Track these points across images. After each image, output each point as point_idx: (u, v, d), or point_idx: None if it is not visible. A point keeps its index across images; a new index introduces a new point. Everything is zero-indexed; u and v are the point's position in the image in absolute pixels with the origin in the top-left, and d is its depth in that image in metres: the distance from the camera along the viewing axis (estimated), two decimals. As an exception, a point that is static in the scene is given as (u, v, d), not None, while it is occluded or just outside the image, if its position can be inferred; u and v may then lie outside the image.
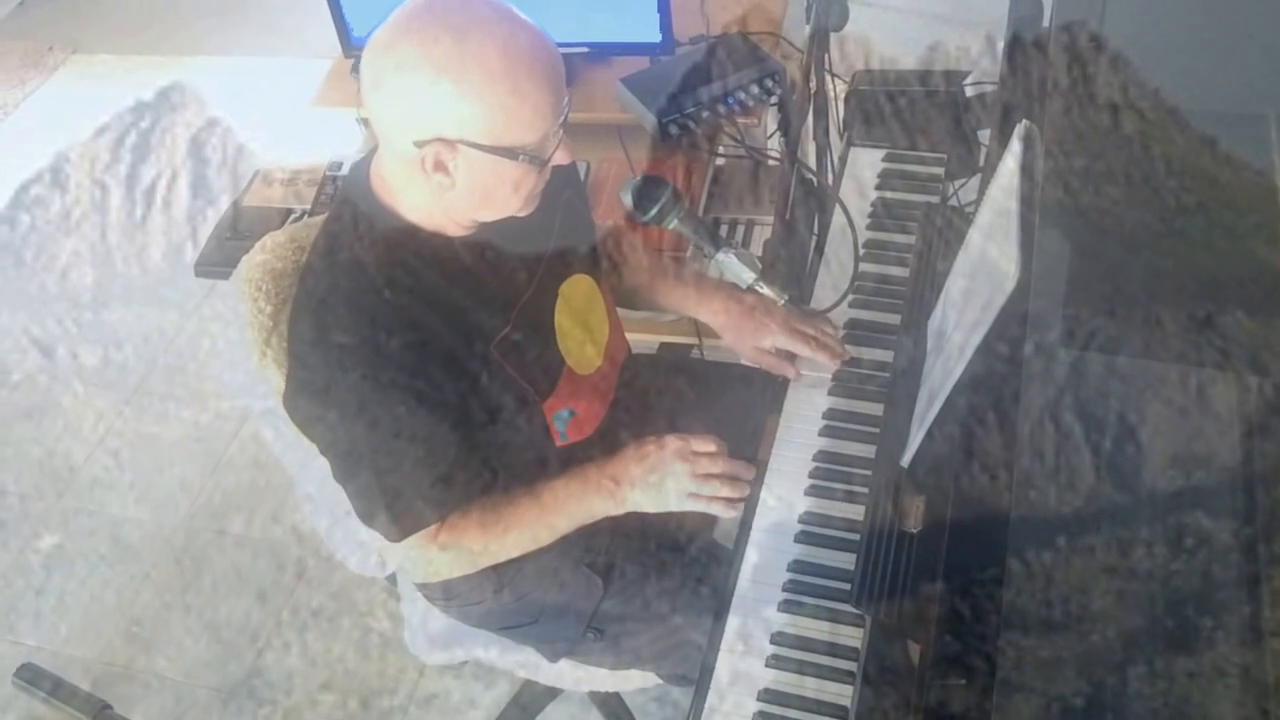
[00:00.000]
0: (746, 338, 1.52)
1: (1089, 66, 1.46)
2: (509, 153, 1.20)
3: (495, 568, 1.45)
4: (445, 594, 1.56)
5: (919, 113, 1.77)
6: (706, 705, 1.23)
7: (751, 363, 1.53)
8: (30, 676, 1.97)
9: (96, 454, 2.52)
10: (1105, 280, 1.23)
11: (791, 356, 1.51)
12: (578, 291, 1.45)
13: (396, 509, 1.30)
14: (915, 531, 1.23)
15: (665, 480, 1.33)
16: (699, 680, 1.25)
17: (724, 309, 1.54)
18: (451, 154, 1.19)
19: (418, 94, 1.15)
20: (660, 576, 1.51)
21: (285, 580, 2.21)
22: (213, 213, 2.59)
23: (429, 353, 1.26)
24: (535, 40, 1.18)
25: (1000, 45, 2.59)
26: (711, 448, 1.34)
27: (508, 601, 1.52)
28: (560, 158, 1.26)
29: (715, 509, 1.34)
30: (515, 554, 1.40)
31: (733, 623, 1.30)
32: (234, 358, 1.43)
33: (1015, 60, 1.58)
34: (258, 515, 1.35)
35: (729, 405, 1.68)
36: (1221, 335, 1.13)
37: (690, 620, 1.47)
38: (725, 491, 1.33)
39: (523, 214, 1.31)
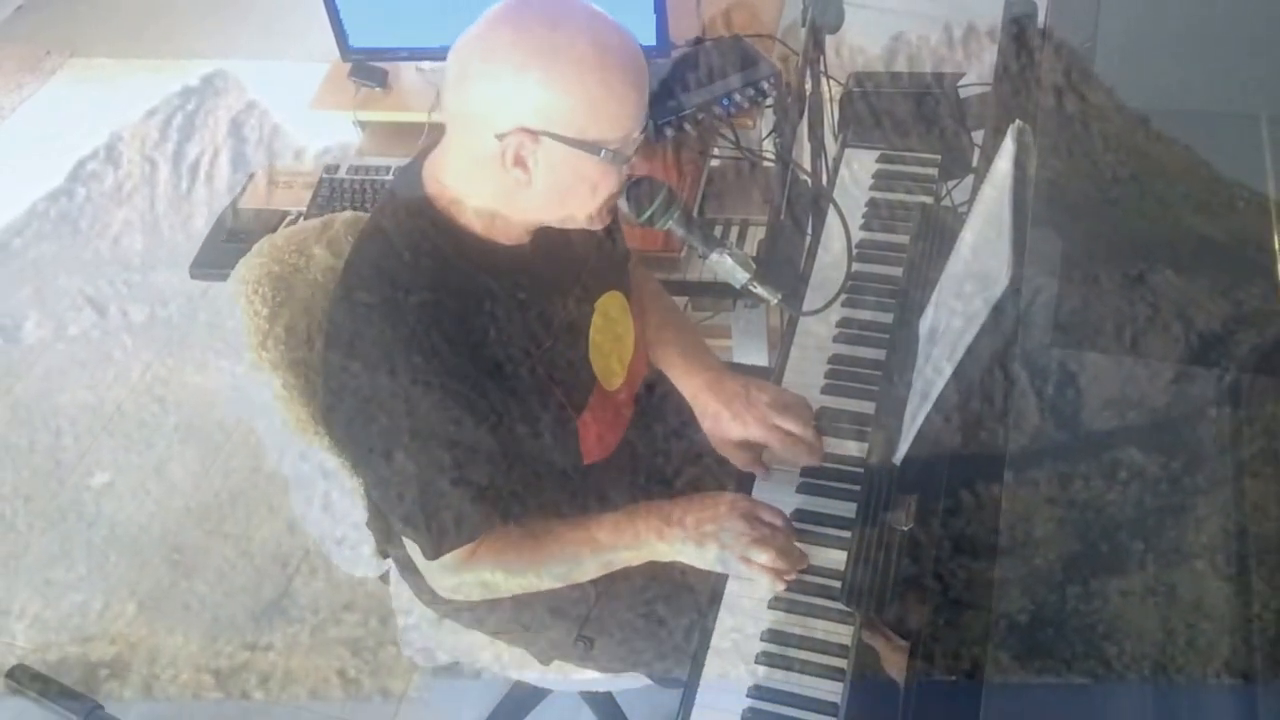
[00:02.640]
0: (721, 425, 1.46)
1: (1082, 67, 1.47)
2: (592, 147, 1.18)
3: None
4: (438, 597, 1.56)
5: (913, 114, 1.78)
6: (697, 701, 1.23)
7: (720, 451, 1.47)
8: (21, 677, 1.98)
9: (144, 400, 2.77)
10: (1097, 279, 1.23)
11: (761, 451, 1.45)
12: (612, 307, 1.44)
13: (436, 522, 1.28)
14: (906, 529, 1.23)
15: (720, 535, 1.28)
16: (689, 676, 1.25)
17: (705, 388, 1.49)
18: (533, 146, 1.17)
19: (504, 81, 1.15)
20: (650, 582, 1.50)
21: (313, 512, 2.32)
22: (281, 166, 2.92)
23: (475, 361, 1.25)
24: (626, 41, 1.19)
25: (958, 35, 2.93)
26: (777, 520, 1.30)
27: (499, 607, 1.51)
28: (634, 166, 1.26)
29: (763, 578, 1.28)
30: (548, 585, 1.37)
31: (723, 620, 1.30)
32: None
33: (1009, 61, 1.58)
34: (288, 454, 1.45)
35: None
36: (1218, 330, 1.15)
37: (681, 624, 1.46)
38: (781, 564, 1.28)
39: (594, 226, 1.30)
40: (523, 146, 1.17)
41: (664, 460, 1.53)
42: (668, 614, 1.46)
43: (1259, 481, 1.04)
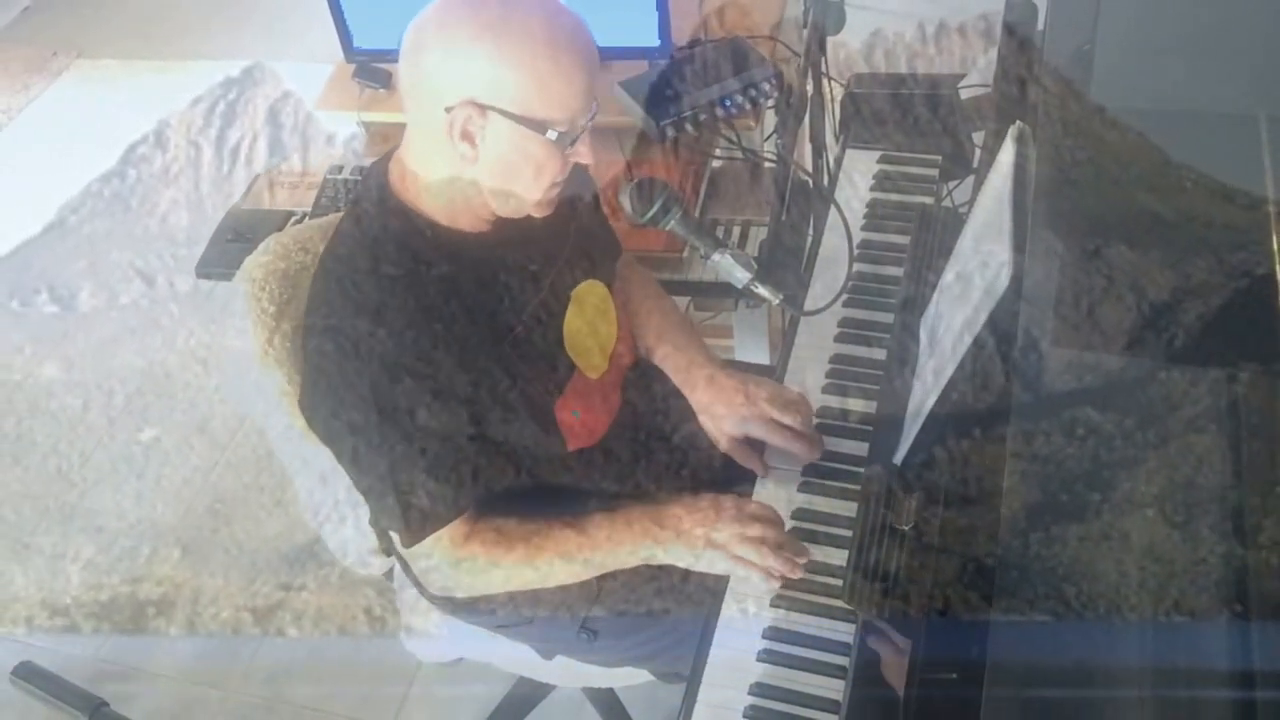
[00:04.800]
0: (721, 422, 1.47)
1: (1082, 68, 1.47)
2: (539, 126, 1.20)
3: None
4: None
5: (914, 115, 1.79)
6: (699, 698, 1.23)
7: (721, 448, 1.48)
8: (27, 675, 1.99)
9: (188, 363, 2.97)
10: (1097, 279, 1.24)
11: (763, 448, 1.47)
12: (590, 297, 1.45)
13: (410, 509, 1.29)
14: (907, 528, 1.24)
15: (712, 536, 1.29)
16: (692, 673, 1.26)
17: (704, 386, 1.50)
18: (481, 120, 1.19)
19: (456, 53, 1.17)
20: (653, 577, 1.51)
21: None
22: (286, 167, 3.16)
23: (444, 348, 1.26)
24: (577, 27, 1.21)
25: (930, 32, 3.28)
26: (770, 519, 1.31)
27: (502, 602, 1.51)
28: (583, 154, 1.26)
29: (757, 576, 1.29)
30: (541, 583, 1.38)
31: (725, 617, 1.30)
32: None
33: (1009, 62, 1.59)
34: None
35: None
36: (1220, 337, 1.16)
37: (683, 620, 1.47)
38: (773, 562, 1.29)
39: (539, 214, 1.31)
40: (470, 120, 1.19)
41: (655, 447, 1.54)
42: (670, 608, 1.47)
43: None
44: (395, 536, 1.36)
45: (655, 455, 1.54)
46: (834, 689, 1.22)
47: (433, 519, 1.31)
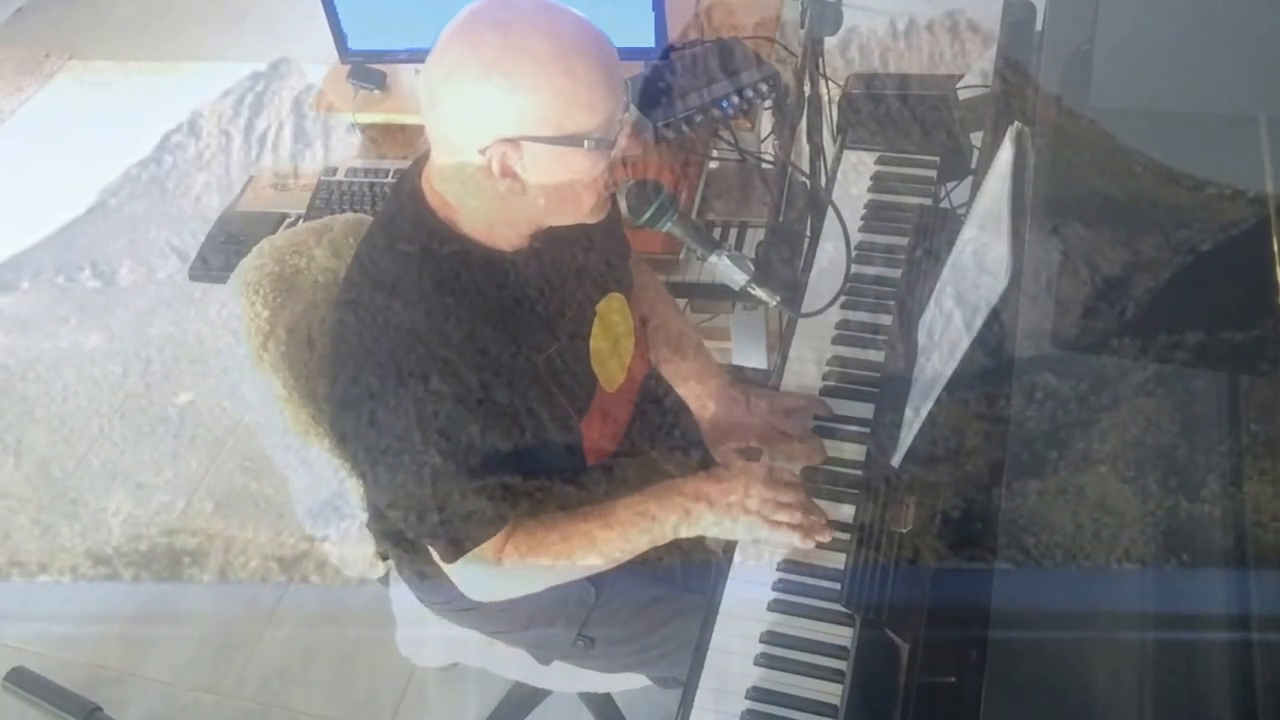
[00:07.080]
0: (721, 431, 1.48)
1: (1081, 68, 1.47)
2: (574, 140, 1.17)
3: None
4: (438, 598, 1.56)
5: (912, 116, 1.78)
6: (696, 702, 1.23)
7: (719, 458, 1.49)
8: (20, 680, 1.98)
9: (219, 333, 3.13)
10: (1094, 280, 1.24)
11: (759, 453, 1.47)
12: (612, 309, 1.44)
13: (449, 528, 1.28)
14: (905, 531, 1.23)
15: (745, 504, 1.30)
16: (689, 676, 1.25)
17: (706, 396, 1.51)
18: (517, 154, 1.17)
19: (470, 98, 1.14)
20: (651, 583, 1.50)
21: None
22: (309, 154, 3.52)
23: (479, 369, 1.24)
24: (581, 25, 1.17)
25: (902, 28, 3.47)
26: (794, 482, 1.33)
27: (499, 608, 1.50)
28: (629, 145, 1.24)
29: (792, 538, 1.30)
30: (581, 573, 1.37)
31: (723, 621, 1.30)
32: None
33: (1007, 63, 1.59)
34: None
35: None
36: (1224, 339, 1.17)
37: (681, 627, 1.46)
38: (805, 522, 1.30)
39: (594, 219, 1.29)
40: (507, 156, 1.17)
41: (663, 459, 1.53)
42: (668, 614, 1.46)
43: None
44: (434, 552, 1.35)
45: (665, 463, 1.53)
46: (831, 693, 1.22)
47: (472, 536, 1.30)
